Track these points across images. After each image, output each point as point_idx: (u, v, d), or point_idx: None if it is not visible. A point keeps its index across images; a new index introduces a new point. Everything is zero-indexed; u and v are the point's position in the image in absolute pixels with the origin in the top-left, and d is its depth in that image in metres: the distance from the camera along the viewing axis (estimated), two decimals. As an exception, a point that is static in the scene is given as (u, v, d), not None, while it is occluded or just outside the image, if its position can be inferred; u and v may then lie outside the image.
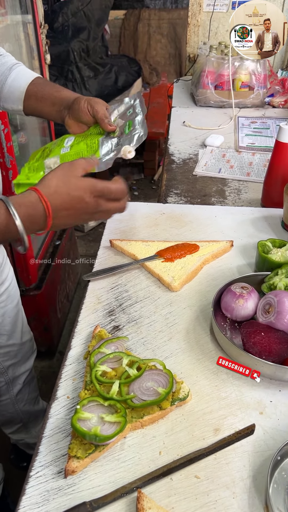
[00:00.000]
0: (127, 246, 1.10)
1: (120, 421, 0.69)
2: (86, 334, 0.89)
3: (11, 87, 1.05)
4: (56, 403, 0.76)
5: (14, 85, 1.05)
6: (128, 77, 4.05)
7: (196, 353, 0.85)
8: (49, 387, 2.30)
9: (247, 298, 0.88)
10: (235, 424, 0.73)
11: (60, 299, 2.34)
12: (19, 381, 1.46)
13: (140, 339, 0.88)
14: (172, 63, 4.90)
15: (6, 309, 1.28)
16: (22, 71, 1.07)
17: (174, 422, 0.73)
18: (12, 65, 1.07)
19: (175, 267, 1.03)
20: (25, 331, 1.40)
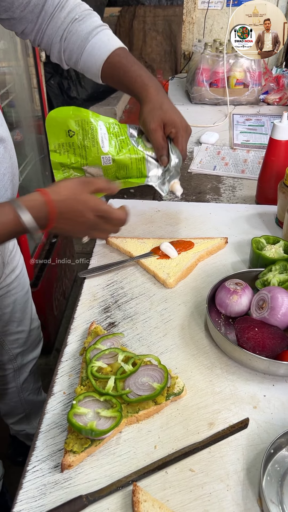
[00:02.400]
0: (122, 243, 1.11)
1: (116, 416, 0.70)
2: (82, 330, 0.90)
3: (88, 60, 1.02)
4: (53, 399, 0.77)
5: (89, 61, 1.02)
6: (124, 75, 4.05)
7: (190, 349, 0.86)
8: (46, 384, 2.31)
9: (241, 294, 0.88)
10: (229, 418, 0.74)
11: (56, 296, 2.35)
12: (26, 369, 1.48)
13: (135, 335, 0.89)
14: (168, 60, 4.90)
15: (17, 296, 1.30)
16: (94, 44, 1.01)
17: (169, 416, 0.74)
18: (87, 33, 1.01)
19: (170, 264, 1.03)
20: (33, 318, 1.43)
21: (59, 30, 1.02)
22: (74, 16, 1.02)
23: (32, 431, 1.66)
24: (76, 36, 1.01)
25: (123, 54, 1.01)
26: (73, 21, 1.02)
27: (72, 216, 0.83)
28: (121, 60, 1.00)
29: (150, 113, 0.98)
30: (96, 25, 1.02)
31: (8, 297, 1.28)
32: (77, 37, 1.01)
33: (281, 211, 1.16)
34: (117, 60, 1.00)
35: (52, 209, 0.79)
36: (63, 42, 1.03)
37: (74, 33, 1.02)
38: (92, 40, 1.01)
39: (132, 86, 1.01)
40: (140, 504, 0.61)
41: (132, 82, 1.00)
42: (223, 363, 0.83)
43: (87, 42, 1.01)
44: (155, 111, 0.98)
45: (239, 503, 0.63)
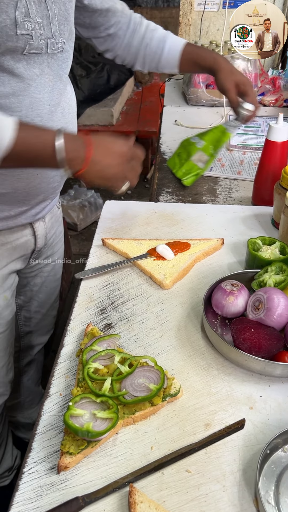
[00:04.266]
0: (119, 244, 1.11)
1: (112, 417, 0.70)
2: (79, 332, 0.90)
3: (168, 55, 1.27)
4: (49, 401, 0.77)
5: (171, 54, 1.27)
6: (121, 76, 4.05)
7: (187, 350, 0.86)
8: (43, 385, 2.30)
9: (237, 295, 0.89)
10: (225, 419, 0.74)
11: (53, 298, 2.34)
12: (31, 352, 1.52)
13: (132, 337, 0.89)
14: (164, 62, 4.89)
15: (48, 279, 1.37)
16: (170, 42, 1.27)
17: (166, 417, 0.74)
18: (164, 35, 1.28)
19: (166, 265, 1.04)
20: (54, 306, 1.50)
21: (143, 40, 1.28)
22: (149, 26, 1.29)
23: (22, 419, 1.67)
24: (155, 40, 1.27)
25: (191, 45, 1.29)
26: (150, 30, 1.28)
27: (109, 143, 0.93)
28: (192, 48, 1.28)
29: (225, 78, 1.24)
30: (165, 32, 1.29)
31: (39, 277, 1.34)
32: (156, 40, 1.27)
33: (277, 212, 1.16)
34: (189, 50, 1.27)
35: (88, 139, 0.89)
36: (144, 47, 1.28)
37: (152, 38, 1.27)
38: (168, 40, 1.27)
39: (206, 62, 1.26)
40: (137, 505, 0.61)
41: (205, 60, 1.26)
42: (219, 364, 0.83)
43: (165, 42, 1.27)
44: (228, 76, 1.23)
45: (235, 503, 0.63)
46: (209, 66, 1.27)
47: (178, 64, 1.29)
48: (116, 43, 1.29)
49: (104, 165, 0.91)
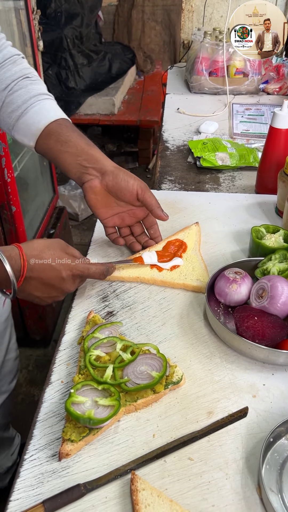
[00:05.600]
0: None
1: (114, 405, 0.69)
2: (80, 320, 0.89)
3: (29, 119, 0.93)
4: (50, 388, 0.77)
5: (34, 118, 0.92)
6: (122, 65, 4.02)
7: (189, 338, 0.85)
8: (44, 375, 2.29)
9: (240, 283, 0.88)
10: (228, 407, 0.73)
11: (54, 287, 2.34)
12: None
13: (134, 324, 0.88)
14: (167, 51, 4.85)
15: None
16: (48, 104, 0.95)
17: (168, 405, 0.74)
18: (38, 94, 0.95)
19: (187, 270, 0.98)
20: (11, 348, 1.33)
21: (7, 80, 0.95)
22: (28, 74, 0.98)
23: None
24: (25, 91, 0.95)
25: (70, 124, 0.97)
26: (24, 77, 0.97)
27: (45, 275, 0.80)
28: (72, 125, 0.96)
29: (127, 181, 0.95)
30: (45, 91, 0.98)
31: None
32: (26, 92, 0.95)
33: (281, 200, 1.15)
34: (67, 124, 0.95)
35: (24, 261, 0.77)
36: (7, 92, 0.95)
37: (23, 87, 0.95)
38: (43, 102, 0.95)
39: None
40: (139, 493, 0.60)
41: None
42: (222, 352, 0.82)
43: (38, 101, 0.95)
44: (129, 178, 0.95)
45: (238, 491, 0.62)
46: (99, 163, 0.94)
47: (39, 134, 0.93)
48: None
49: (32, 295, 0.84)
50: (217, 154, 1.45)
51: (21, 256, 0.77)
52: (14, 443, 1.61)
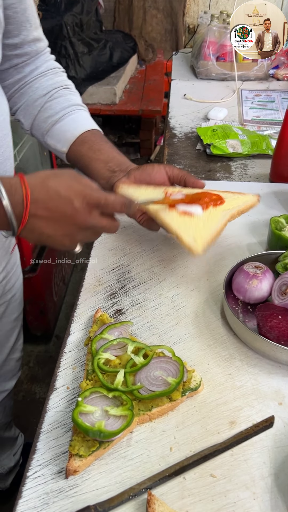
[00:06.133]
0: (135, 193, 0.87)
1: (127, 415, 0.62)
2: (86, 318, 0.82)
3: (66, 125, 0.95)
4: (55, 395, 0.69)
5: (71, 125, 0.95)
6: (123, 54, 3.92)
7: (206, 339, 0.78)
8: (46, 372, 2.23)
9: (261, 279, 0.80)
10: (252, 416, 0.66)
11: (56, 282, 2.27)
12: None
13: (145, 324, 0.81)
14: (168, 39, 4.75)
15: (1, 321, 1.15)
16: (84, 115, 0.98)
17: (186, 414, 0.67)
18: (77, 104, 0.98)
19: (195, 224, 0.82)
20: (16, 348, 1.27)
21: (48, 87, 0.98)
22: (68, 85, 1.01)
23: None
24: (64, 99, 0.98)
25: (102, 134, 0.98)
26: (64, 87, 1.00)
27: (54, 206, 0.67)
28: (103, 136, 0.98)
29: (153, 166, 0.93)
30: (81, 103, 1.01)
31: None
32: (65, 101, 0.98)
33: (300, 189, 1.07)
34: (100, 135, 0.97)
35: (26, 193, 0.64)
36: (47, 98, 0.98)
37: (63, 96, 0.98)
38: (80, 112, 0.98)
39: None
40: (157, 517, 0.53)
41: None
42: (242, 354, 0.75)
43: (76, 110, 0.98)
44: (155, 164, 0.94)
45: (268, 514, 0.56)
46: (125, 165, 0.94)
47: (74, 141, 0.94)
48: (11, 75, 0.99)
49: (44, 235, 0.69)
50: (228, 141, 1.37)
51: (22, 185, 0.65)
52: (17, 443, 1.56)
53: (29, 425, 1.84)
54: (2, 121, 0.87)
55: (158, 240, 1.00)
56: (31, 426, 1.91)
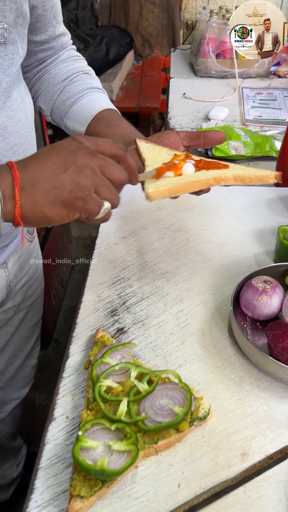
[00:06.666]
0: (146, 150, 0.82)
1: (131, 450, 0.57)
2: (86, 338, 0.77)
3: (83, 105, 0.94)
4: (54, 425, 0.65)
5: (88, 104, 0.94)
6: (120, 49, 3.86)
7: (214, 359, 0.73)
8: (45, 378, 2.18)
9: (271, 294, 0.76)
10: (265, 446, 0.62)
11: (54, 285, 2.22)
12: (4, 409, 1.27)
13: (148, 344, 0.76)
14: (165, 35, 4.68)
15: (21, 326, 1.13)
16: (102, 96, 0.97)
17: (194, 446, 0.62)
18: (95, 87, 0.98)
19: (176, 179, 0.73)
20: (32, 355, 1.24)
21: (68, 72, 0.99)
22: (88, 70, 1.01)
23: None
24: (83, 83, 0.98)
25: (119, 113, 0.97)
26: (84, 72, 1.00)
27: (44, 152, 0.59)
28: (120, 115, 0.97)
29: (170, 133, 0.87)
30: (100, 87, 1.00)
31: (8, 326, 1.09)
32: (83, 84, 0.97)
33: (307, 195, 1.03)
34: (117, 113, 0.96)
35: (9, 161, 0.57)
36: (66, 82, 0.98)
37: (82, 80, 0.98)
38: (97, 93, 0.97)
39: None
40: None
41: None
42: (253, 377, 0.71)
43: (93, 91, 0.97)
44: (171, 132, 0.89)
45: None
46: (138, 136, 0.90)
47: (92, 119, 0.92)
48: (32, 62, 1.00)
49: (46, 183, 0.56)
50: (230, 143, 1.32)
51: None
52: (20, 454, 1.53)
53: (28, 434, 1.80)
54: (25, 118, 0.86)
55: (160, 250, 0.95)
56: (30, 434, 1.88)
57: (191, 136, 0.84)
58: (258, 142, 1.33)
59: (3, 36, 0.75)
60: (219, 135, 0.82)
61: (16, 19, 0.76)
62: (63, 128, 1.00)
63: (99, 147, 0.61)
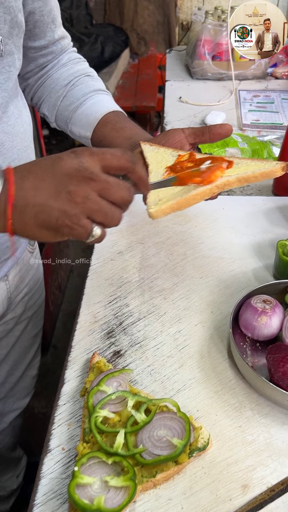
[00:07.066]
0: (150, 153, 0.80)
1: (129, 486, 0.56)
2: (82, 363, 0.75)
3: (87, 109, 0.93)
4: (49, 458, 0.63)
5: (92, 108, 0.92)
6: (115, 48, 3.82)
7: (213, 384, 0.71)
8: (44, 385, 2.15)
9: (270, 315, 0.74)
10: (266, 477, 0.60)
11: (52, 290, 2.20)
12: (4, 420, 1.26)
13: (146, 368, 0.74)
14: (161, 32, 4.64)
15: (22, 337, 1.12)
16: (106, 98, 0.96)
17: (193, 477, 0.60)
18: (98, 89, 0.96)
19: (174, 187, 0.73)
20: (32, 366, 1.23)
21: (69, 76, 0.98)
22: (89, 72, 1.00)
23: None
24: (85, 86, 0.96)
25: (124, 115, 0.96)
26: (86, 75, 0.99)
27: (39, 169, 0.56)
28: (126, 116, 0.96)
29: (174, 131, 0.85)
30: (103, 88, 0.99)
31: (9, 337, 1.08)
32: (86, 87, 0.96)
33: (306, 206, 1.01)
34: (122, 115, 0.95)
35: (8, 170, 0.56)
36: (68, 87, 0.97)
37: (84, 83, 0.97)
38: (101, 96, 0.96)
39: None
40: None
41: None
42: (253, 402, 0.69)
43: (96, 94, 0.95)
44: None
45: None
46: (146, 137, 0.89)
47: (97, 124, 0.91)
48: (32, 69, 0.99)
49: (39, 208, 0.55)
50: (228, 150, 1.30)
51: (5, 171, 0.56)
52: (20, 465, 1.52)
53: (28, 443, 1.79)
54: (22, 132, 0.85)
55: (157, 266, 0.93)
56: (30, 443, 1.86)
57: (196, 133, 0.82)
58: (255, 148, 1.31)
59: (1, 49, 0.73)
60: (225, 129, 0.79)
61: (11, 30, 0.75)
62: (68, 133, 0.98)
63: (105, 162, 0.58)
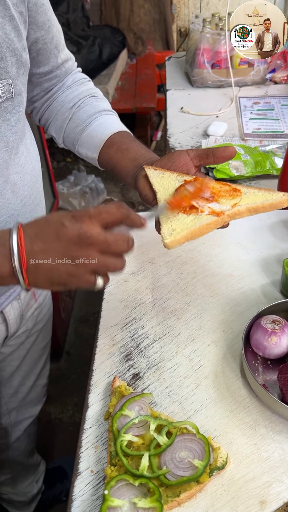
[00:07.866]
0: (156, 179, 0.82)
1: (156, 507, 0.61)
2: (104, 386, 0.80)
3: (93, 131, 0.95)
4: (80, 480, 0.68)
5: (98, 130, 0.94)
6: (113, 49, 3.84)
7: (228, 403, 0.76)
8: (59, 391, 2.20)
9: (280, 335, 0.78)
10: (282, 493, 0.65)
11: (62, 298, 2.25)
12: (20, 427, 1.33)
13: (164, 389, 0.79)
14: (157, 30, 4.64)
15: (32, 349, 1.17)
16: (111, 119, 0.98)
17: (214, 495, 0.65)
18: (103, 110, 0.98)
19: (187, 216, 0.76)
20: (43, 375, 1.30)
21: (74, 98, 1.00)
22: (94, 93, 1.02)
23: (16, 497, 1.49)
24: (90, 107, 0.98)
25: (130, 134, 0.96)
26: (90, 96, 1.01)
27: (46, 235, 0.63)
28: (131, 136, 0.96)
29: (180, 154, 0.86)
30: (109, 108, 1.01)
31: (20, 350, 1.14)
32: (91, 108, 0.98)
33: (310, 221, 1.05)
34: (128, 135, 0.96)
35: (19, 231, 0.63)
36: (74, 110, 0.99)
37: (89, 104, 0.99)
38: (106, 116, 0.98)
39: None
40: None
41: None
42: (267, 420, 0.73)
43: (101, 115, 0.97)
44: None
45: None
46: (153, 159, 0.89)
47: (103, 145, 0.93)
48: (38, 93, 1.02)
49: (49, 269, 0.63)
50: (231, 162, 1.33)
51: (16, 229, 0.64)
52: (39, 470, 1.58)
53: (46, 449, 1.84)
54: (31, 169, 0.89)
55: (169, 286, 0.98)
56: (49, 449, 1.92)
57: (201, 155, 0.84)
58: (258, 160, 1.34)
59: (9, 91, 0.76)
60: (228, 152, 0.80)
61: (18, 70, 0.78)
62: (76, 153, 1.01)
63: (103, 222, 0.64)
